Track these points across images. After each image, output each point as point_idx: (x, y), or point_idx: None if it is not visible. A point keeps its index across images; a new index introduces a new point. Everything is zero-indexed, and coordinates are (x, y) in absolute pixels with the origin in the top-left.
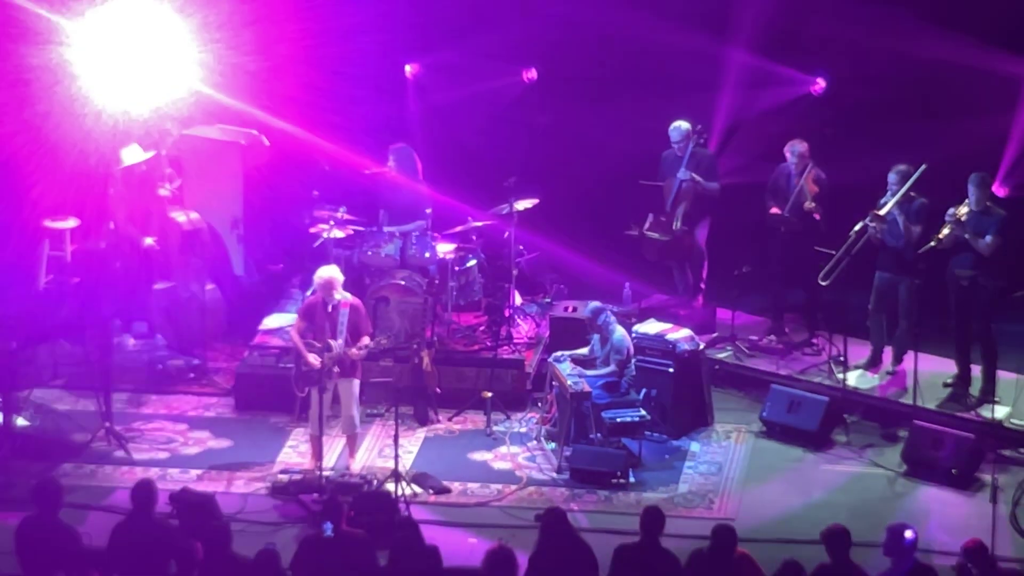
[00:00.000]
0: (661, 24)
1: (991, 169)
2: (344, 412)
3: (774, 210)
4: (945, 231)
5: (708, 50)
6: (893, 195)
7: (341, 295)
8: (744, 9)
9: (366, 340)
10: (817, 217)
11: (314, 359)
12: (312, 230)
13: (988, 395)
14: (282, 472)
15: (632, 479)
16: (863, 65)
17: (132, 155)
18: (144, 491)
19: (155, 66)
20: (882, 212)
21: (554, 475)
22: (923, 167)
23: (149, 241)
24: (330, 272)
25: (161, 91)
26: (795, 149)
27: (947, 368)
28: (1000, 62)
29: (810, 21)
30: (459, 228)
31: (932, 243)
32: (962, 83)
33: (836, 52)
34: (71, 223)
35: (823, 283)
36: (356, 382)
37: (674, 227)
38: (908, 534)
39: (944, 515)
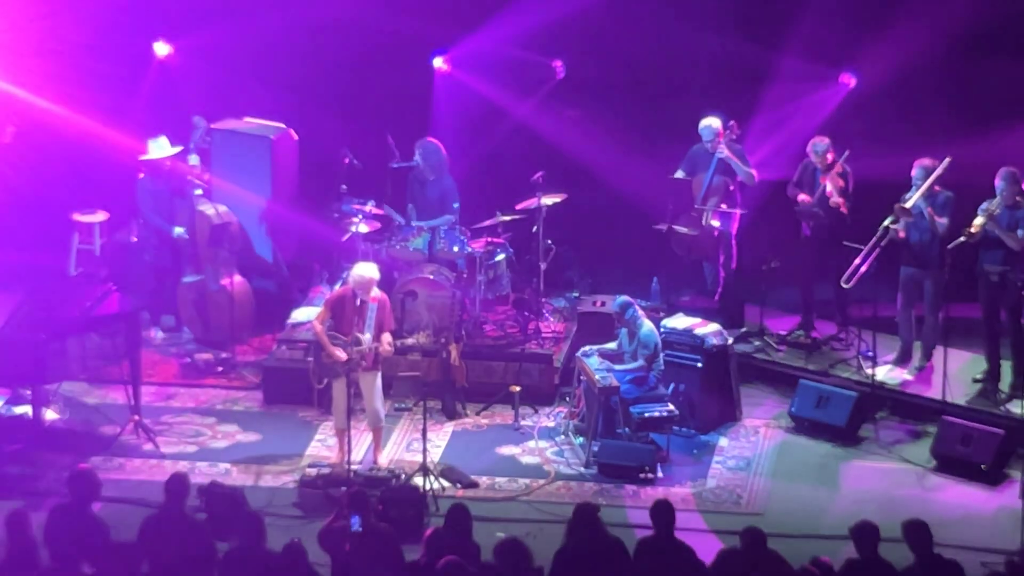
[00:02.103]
0: (691, 18)
1: (1020, 163)
2: (369, 406)
3: (802, 197)
4: (978, 222)
5: (738, 44)
6: (917, 189)
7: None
8: (774, 4)
9: (389, 337)
10: (844, 211)
11: (340, 352)
12: (341, 224)
13: (1018, 390)
14: (310, 466)
15: (660, 474)
16: (891, 59)
17: (159, 148)
18: (178, 484)
19: None
20: (908, 205)
21: (582, 470)
22: (947, 160)
23: (179, 231)
24: (370, 272)
25: None
26: (817, 148)
27: (977, 364)
28: None
29: (839, 17)
30: (487, 222)
31: (963, 237)
32: (990, 77)
33: (864, 46)
34: (100, 216)
35: (845, 286)
36: (379, 375)
37: (704, 222)
38: None
39: (972, 511)
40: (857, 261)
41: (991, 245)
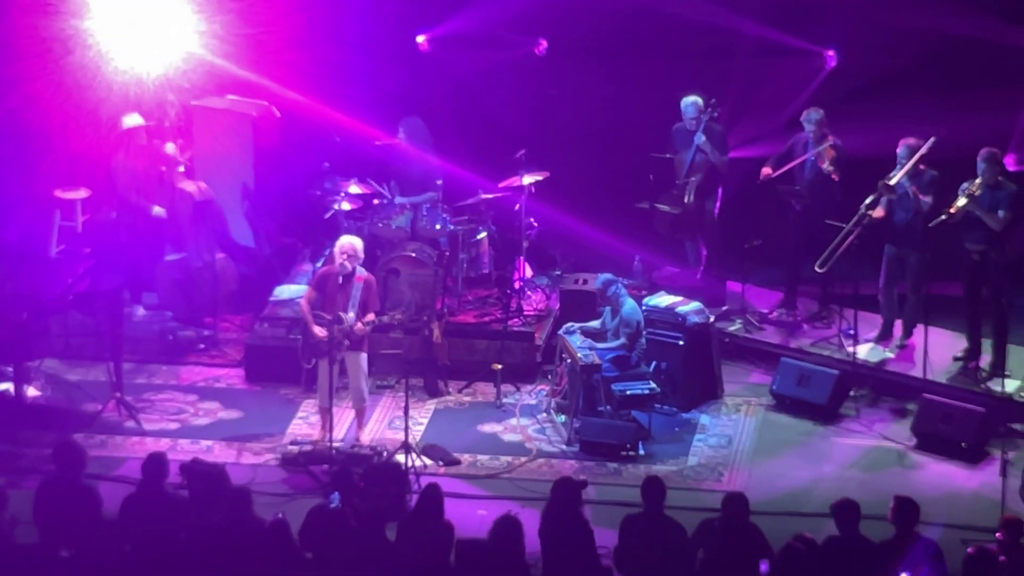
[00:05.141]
0: None
1: (1002, 143)
2: (353, 385)
3: (766, 171)
4: (959, 203)
5: (720, 21)
6: (902, 168)
7: (358, 268)
8: None
9: (372, 316)
10: (836, 179)
11: (320, 331)
12: (323, 202)
13: (998, 369)
14: (292, 443)
15: (642, 451)
16: (875, 37)
17: (131, 121)
18: (156, 464)
19: (165, 36)
20: (891, 182)
21: (564, 447)
22: (932, 140)
23: (158, 210)
24: (353, 240)
25: (171, 61)
26: (812, 117)
27: (958, 342)
28: (1012, 35)
29: None
30: (470, 200)
31: (943, 216)
32: (974, 56)
33: (848, 24)
34: (82, 194)
35: (819, 270)
36: (364, 355)
37: (686, 200)
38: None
39: (953, 489)
40: (832, 246)
41: (973, 225)
